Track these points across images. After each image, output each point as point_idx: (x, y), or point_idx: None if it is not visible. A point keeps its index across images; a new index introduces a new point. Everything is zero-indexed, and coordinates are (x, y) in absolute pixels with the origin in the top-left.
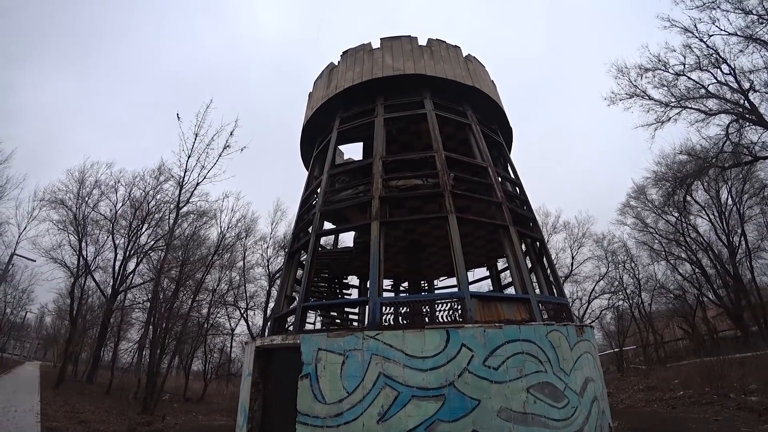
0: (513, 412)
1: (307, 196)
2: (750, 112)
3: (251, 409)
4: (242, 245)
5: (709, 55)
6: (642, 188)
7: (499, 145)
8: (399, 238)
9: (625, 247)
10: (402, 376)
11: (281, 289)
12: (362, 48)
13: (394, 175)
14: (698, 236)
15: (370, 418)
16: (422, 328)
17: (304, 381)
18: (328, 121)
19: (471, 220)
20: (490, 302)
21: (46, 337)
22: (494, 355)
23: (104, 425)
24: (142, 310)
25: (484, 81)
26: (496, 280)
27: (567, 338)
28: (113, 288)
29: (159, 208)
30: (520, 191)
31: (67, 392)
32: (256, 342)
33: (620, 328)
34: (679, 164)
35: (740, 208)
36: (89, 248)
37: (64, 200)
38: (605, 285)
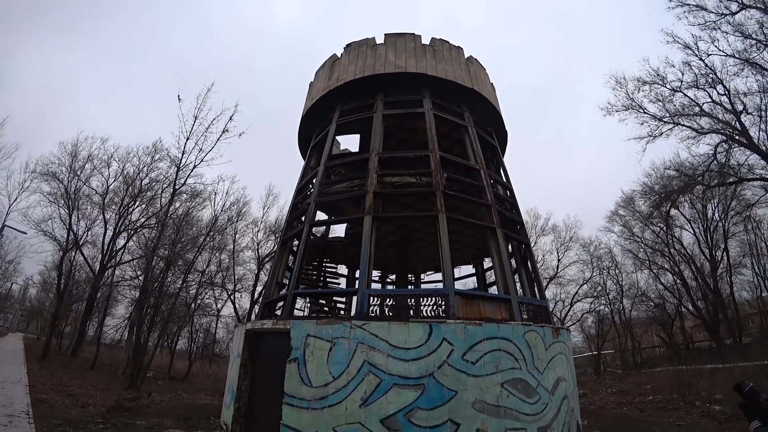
0: (487, 404)
1: (302, 186)
2: (740, 133)
3: (239, 389)
4: (233, 228)
5: (707, 74)
6: (631, 198)
7: (494, 147)
8: (390, 232)
9: (610, 253)
10: (385, 365)
11: (272, 275)
12: (366, 42)
13: (389, 171)
14: (682, 248)
15: (353, 402)
16: (407, 321)
17: (292, 365)
18: (327, 111)
19: (460, 220)
20: (473, 300)
21: (29, 309)
22: (473, 350)
23: (92, 399)
24: (129, 287)
25: (484, 84)
26: (482, 278)
27: (543, 339)
28: (101, 263)
29: (152, 186)
30: (510, 194)
31: (52, 365)
32: (246, 325)
33: (600, 332)
34: (667, 179)
35: (725, 224)
36: (80, 223)
37: (57, 173)
38: (588, 289)
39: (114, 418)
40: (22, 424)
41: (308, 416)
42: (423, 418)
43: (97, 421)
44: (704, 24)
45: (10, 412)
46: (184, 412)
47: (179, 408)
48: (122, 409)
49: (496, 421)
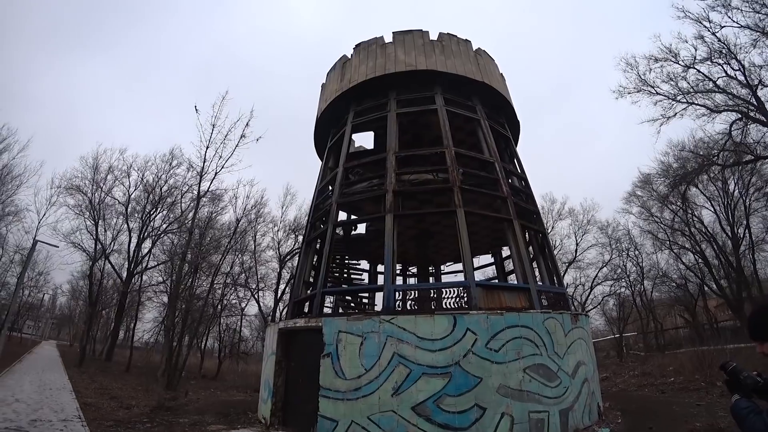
0: (510, 389)
1: (322, 187)
2: (756, 109)
3: (275, 385)
4: (253, 229)
5: (720, 49)
6: (648, 178)
7: (507, 138)
8: (409, 226)
9: (629, 235)
10: (414, 356)
11: (299, 275)
12: (375, 42)
13: (406, 169)
14: (702, 227)
15: (386, 392)
16: (432, 314)
17: (326, 359)
18: (341, 112)
19: (478, 214)
20: (494, 291)
21: (60, 317)
22: (495, 339)
23: (134, 400)
24: (156, 292)
25: (493, 75)
26: (500, 266)
27: (562, 325)
28: (128, 270)
29: (171, 193)
30: (525, 184)
31: (89, 370)
32: (278, 324)
33: (621, 314)
34: (683, 159)
35: (746, 201)
36: (107, 233)
37: (80, 187)
38: (608, 272)
39: (158, 417)
40: (77, 428)
41: (344, 407)
42: (451, 404)
43: (143, 421)
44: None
45: (63, 417)
46: (221, 408)
47: (216, 405)
48: (164, 409)
49: (519, 405)
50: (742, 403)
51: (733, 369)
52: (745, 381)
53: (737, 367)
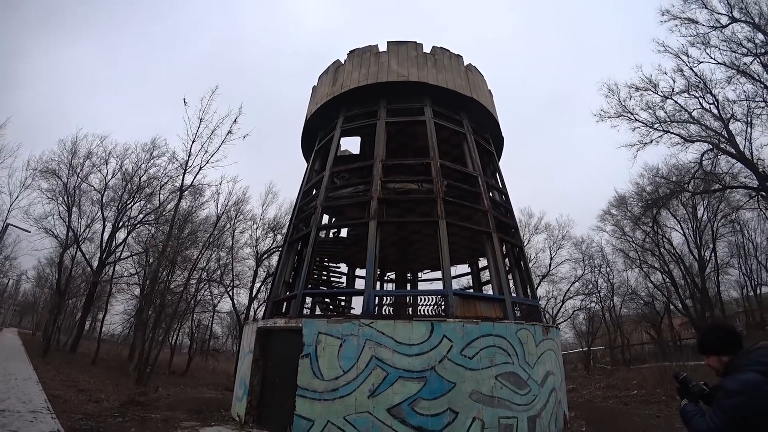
0: (482, 395)
1: (307, 189)
2: (727, 141)
3: (251, 383)
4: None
5: (697, 83)
6: (623, 198)
7: (490, 153)
8: (390, 233)
9: (602, 252)
10: (391, 359)
11: (280, 275)
12: (369, 50)
13: (391, 177)
14: (672, 248)
15: (362, 393)
16: (411, 320)
17: (305, 360)
18: (330, 116)
19: (459, 225)
20: (470, 300)
21: (23, 303)
22: (470, 346)
23: (104, 394)
24: (127, 284)
25: (482, 91)
26: (476, 276)
27: (534, 336)
28: (100, 260)
29: (150, 183)
30: (505, 199)
31: (54, 361)
32: (258, 323)
33: (590, 328)
34: (656, 183)
35: (714, 226)
36: (81, 220)
37: (56, 170)
38: (580, 286)
39: (129, 412)
40: (47, 420)
41: (320, 407)
42: (425, 407)
43: (114, 415)
44: (695, 36)
45: (32, 408)
46: (193, 405)
47: (187, 401)
48: (134, 404)
49: (490, 410)
50: (689, 407)
51: (683, 378)
52: (693, 389)
53: (687, 377)
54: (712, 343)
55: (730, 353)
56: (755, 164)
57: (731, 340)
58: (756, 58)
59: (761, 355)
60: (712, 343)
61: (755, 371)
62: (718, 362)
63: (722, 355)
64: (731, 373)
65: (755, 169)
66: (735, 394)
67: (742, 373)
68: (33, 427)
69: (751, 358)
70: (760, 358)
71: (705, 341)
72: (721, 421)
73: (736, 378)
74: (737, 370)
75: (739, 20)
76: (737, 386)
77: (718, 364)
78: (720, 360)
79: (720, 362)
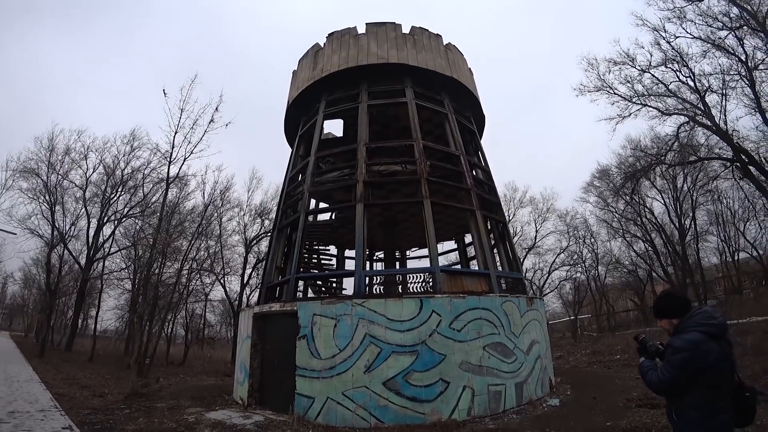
0: (471, 364)
1: (293, 174)
2: (704, 114)
3: (251, 367)
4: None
5: (673, 57)
6: (606, 169)
7: (472, 131)
8: (377, 214)
9: (586, 223)
10: (384, 336)
11: (271, 261)
12: (348, 32)
13: (376, 160)
14: (653, 218)
15: (358, 369)
16: (401, 297)
17: (302, 341)
18: (312, 100)
19: (444, 204)
20: (457, 276)
21: (11, 306)
22: (458, 320)
23: (107, 389)
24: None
25: (462, 71)
26: (463, 252)
27: (518, 308)
28: (88, 257)
29: (133, 176)
30: (488, 177)
31: (52, 360)
32: (254, 309)
33: (577, 298)
34: (636, 156)
35: (693, 195)
36: (66, 218)
37: (35, 169)
38: (565, 258)
39: (135, 403)
40: (57, 417)
41: (319, 384)
42: (418, 378)
43: (121, 407)
44: (672, 10)
45: (40, 407)
46: (195, 392)
47: (189, 390)
48: (138, 395)
49: (479, 379)
50: (646, 363)
51: (642, 339)
52: (650, 348)
53: (645, 338)
54: (664, 308)
55: (679, 317)
56: (730, 136)
57: (681, 306)
58: (731, 32)
59: (703, 318)
60: (664, 308)
61: (697, 331)
62: (669, 324)
63: (672, 319)
64: (678, 333)
65: (730, 141)
66: (680, 350)
67: (686, 333)
68: (45, 424)
69: (695, 320)
70: (702, 320)
71: (659, 306)
72: (669, 373)
73: (681, 337)
74: (683, 331)
75: None
76: (682, 344)
77: (668, 326)
78: (670, 322)
79: (670, 324)
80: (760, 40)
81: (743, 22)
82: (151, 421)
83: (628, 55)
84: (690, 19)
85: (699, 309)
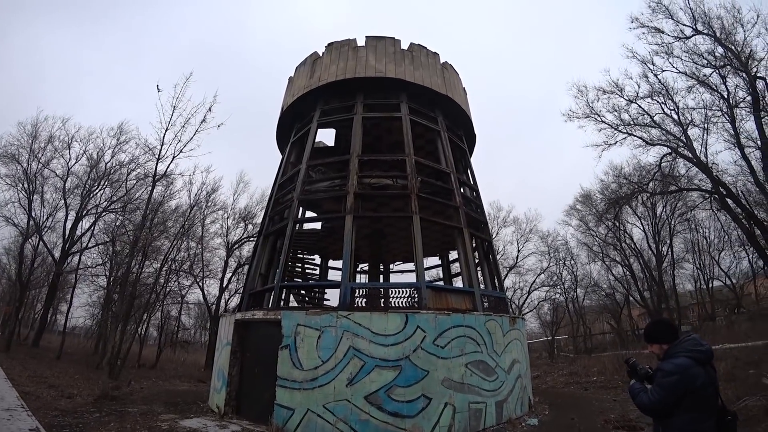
0: (453, 381)
1: (283, 181)
2: (686, 146)
3: (230, 374)
4: (202, 214)
5: (660, 90)
6: (589, 194)
7: (463, 150)
8: (364, 226)
9: (567, 245)
10: (368, 349)
11: (256, 268)
12: (347, 43)
13: (367, 173)
14: (632, 243)
15: (341, 382)
16: (386, 312)
17: (284, 351)
18: (307, 108)
19: (432, 221)
20: (442, 293)
21: None
22: (442, 336)
23: (75, 389)
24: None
25: (456, 90)
26: (446, 268)
27: (501, 327)
28: (63, 250)
29: (117, 170)
30: (476, 195)
31: (18, 356)
32: (235, 315)
33: (555, 318)
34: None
35: (671, 223)
36: (43, 208)
37: (16, 155)
38: (545, 278)
39: (105, 407)
40: (23, 417)
41: (300, 396)
42: (401, 394)
43: (90, 411)
44: (660, 45)
45: (6, 406)
46: (168, 398)
47: (162, 394)
48: (109, 398)
49: (461, 396)
50: (636, 385)
51: (633, 363)
52: (640, 371)
53: (635, 362)
54: (655, 334)
55: (668, 342)
56: (710, 168)
57: (670, 333)
58: (715, 70)
59: (691, 344)
60: (655, 334)
61: (686, 357)
62: (659, 349)
63: (662, 344)
64: (668, 358)
65: (710, 173)
66: (671, 373)
67: (676, 357)
68: (12, 425)
69: (684, 346)
70: (690, 347)
71: (650, 332)
72: (659, 395)
73: (671, 361)
74: (672, 356)
75: (702, 32)
76: (672, 368)
77: (659, 351)
78: (661, 347)
79: (660, 349)
80: (742, 79)
81: (727, 62)
82: (123, 427)
83: (617, 85)
84: (677, 55)
85: (688, 336)
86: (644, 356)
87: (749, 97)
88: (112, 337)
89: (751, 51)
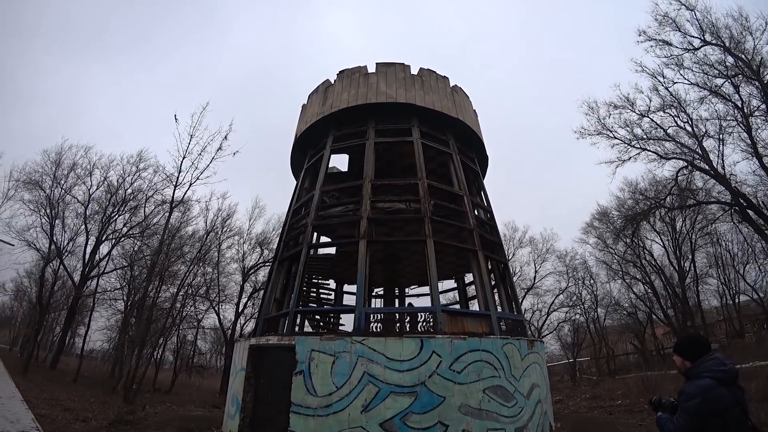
0: (471, 408)
1: (297, 207)
2: (701, 158)
3: (244, 400)
4: (218, 239)
5: (671, 102)
6: (606, 211)
7: (475, 172)
8: (378, 250)
9: (585, 264)
10: (383, 375)
11: (270, 292)
12: (358, 70)
13: (380, 197)
14: (652, 260)
15: (355, 408)
16: (401, 337)
17: (298, 377)
18: (320, 134)
19: (446, 244)
20: (457, 316)
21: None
22: (458, 361)
23: (90, 413)
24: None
25: (467, 112)
26: (462, 291)
27: (519, 350)
28: (82, 274)
29: (135, 196)
30: (490, 217)
31: (36, 378)
32: (250, 340)
33: (576, 340)
34: (635, 199)
35: (692, 237)
36: (64, 233)
37: (39, 181)
38: (564, 299)
39: (119, 431)
40: None
41: (314, 423)
42: (417, 421)
43: None
44: (670, 57)
45: (21, 428)
46: (182, 423)
47: (176, 420)
48: (123, 422)
49: (479, 423)
50: (664, 416)
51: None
52: (665, 404)
53: (658, 399)
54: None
55: (691, 360)
56: (728, 180)
57: (693, 350)
58: (727, 80)
59: (713, 364)
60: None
61: (708, 377)
62: (680, 362)
63: (686, 360)
64: (690, 378)
65: (728, 185)
66: (692, 396)
67: (699, 379)
68: None
69: (705, 366)
70: (712, 366)
71: (680, 343)
72: (684, 420)
73: (693, 383)
74: (695, 376)
75: (711, 43)
76: (694, 390)
77: (680, 365)
78: (683, 363)
79: (682, 363)
80: (755, 88)
81: (738, 71)
82: None
83: (628, 99)
84: (687, 67)
85: (711, 355)
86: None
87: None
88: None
89: (762, 59)
